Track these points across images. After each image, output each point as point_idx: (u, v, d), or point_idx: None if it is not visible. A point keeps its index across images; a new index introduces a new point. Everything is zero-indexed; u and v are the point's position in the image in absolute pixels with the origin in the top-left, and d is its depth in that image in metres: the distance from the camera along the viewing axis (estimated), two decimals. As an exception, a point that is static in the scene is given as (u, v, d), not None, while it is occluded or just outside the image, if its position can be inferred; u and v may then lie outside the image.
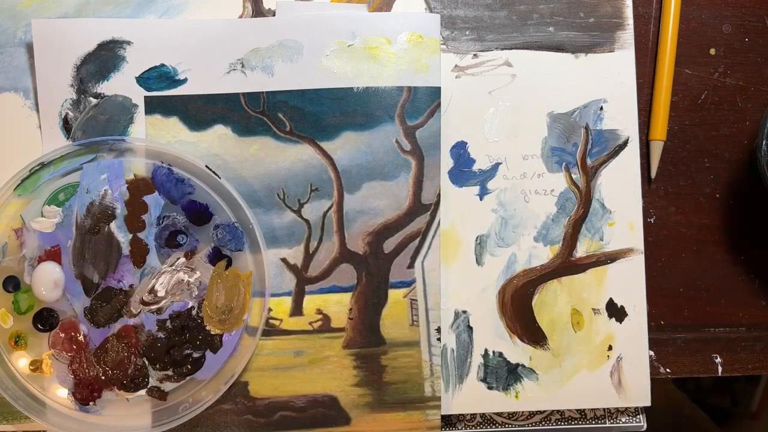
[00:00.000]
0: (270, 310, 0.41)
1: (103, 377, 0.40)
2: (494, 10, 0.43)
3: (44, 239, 0.40)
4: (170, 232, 0.40)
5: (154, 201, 0.40)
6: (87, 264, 0.40)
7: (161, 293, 0.40)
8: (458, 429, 0.43)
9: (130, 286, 0.40)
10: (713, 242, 0.45)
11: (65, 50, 0.41)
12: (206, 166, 0.40)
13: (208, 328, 0.40)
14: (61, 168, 0.40)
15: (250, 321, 0.41)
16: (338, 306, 0.42)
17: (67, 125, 0.41)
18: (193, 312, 0.40)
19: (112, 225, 0.40)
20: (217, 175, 0.40)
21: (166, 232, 0.40)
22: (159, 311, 0.40)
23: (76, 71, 0.41)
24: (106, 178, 0.40)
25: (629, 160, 0.43)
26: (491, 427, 0.43)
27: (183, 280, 0.40)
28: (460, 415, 0.43)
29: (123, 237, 0.40)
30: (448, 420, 0.43)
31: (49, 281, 0.39)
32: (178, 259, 0.40)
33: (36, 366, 0.40)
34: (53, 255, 0.40)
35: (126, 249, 0.40)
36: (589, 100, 0.43)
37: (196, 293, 0.40)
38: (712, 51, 0.44)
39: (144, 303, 0.40)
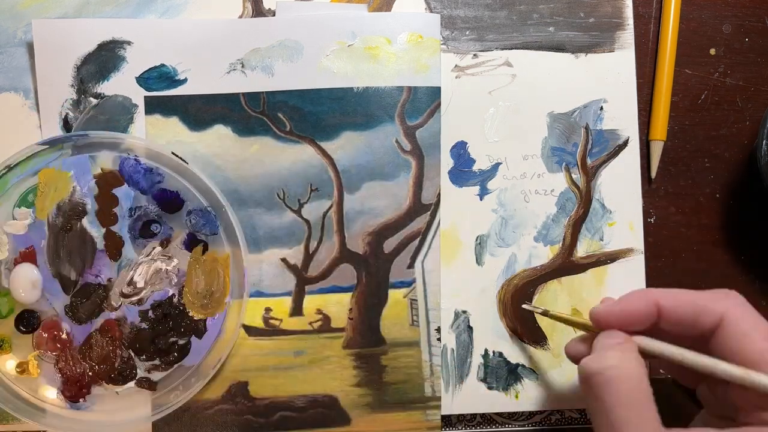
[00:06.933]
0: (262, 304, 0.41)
1: (90, 373, 0.40)
2: (494, 10, 0.43)
3: (18, 241, 0.40)
4: (143, 223, 0.40)
5: (124, 193, 0.40)
6: (63, 262, 0.40)
7: (140, 284, 0.40)
8: (458, 429, 0.43)
9: (109, 279, 0.40)
10: (713, 242, 0.45)
11: (65, 50, 0.41)
12: (172, 153, 0.40)
13: (190, 314, 0.40)
14: (28, 169, 0.40)
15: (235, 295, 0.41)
16: (338, 306, 0.42)
17: (67, 125, 0.41)
18: (175, 299, 0.40)
19: (84, 221, 0.40)
20: (184, 161, 0.40)
21: (139, 223, 0.40)
22: (140, 302, 0.40)
23: (76, 71, 0.41)
24: (73, 175, 0.40)
25: (629, 160, 0.43)
26: (491, 427, 0.43)
27: (161, 268, 0.40)
28: (460, 415, 0.43)
29: (96, 232, 0.40)
30: (448, 420, 0.43)
31: (26, 283, 0.39)
32: (154, 248, 0.40)
33: (23, 368, 0.40)
34: (28, 256, 0.40)
35: (100, 243, 0.40)
36: (589, 100, 0.43)
37: (176, 281, 0.40)
38: (712, 51, 0.44)
39: (124, 295, 0.40)
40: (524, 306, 0.42)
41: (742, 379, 0.30)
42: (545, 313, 0.40)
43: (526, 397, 0.43)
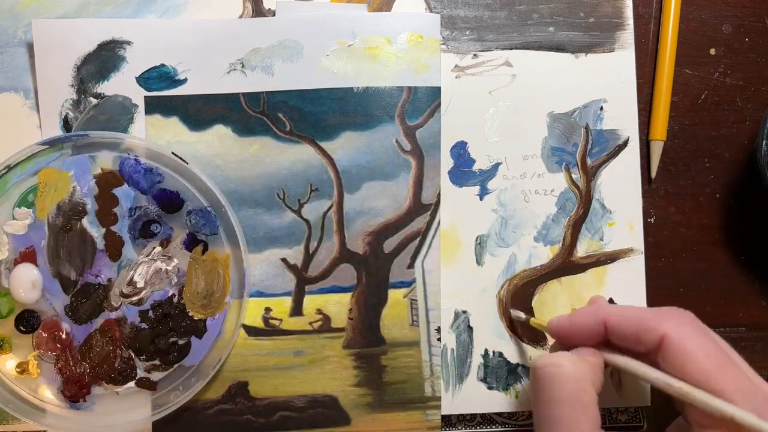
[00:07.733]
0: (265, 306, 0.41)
1: (90, 373, 0.40)
2: (494, 10, 0.43)
3: (18, 241, 0.40)
4: (143, 223, 0.40)
5: (124, 193, 0.40)
6: (63, 262, 0.40)
7: (140, 284, 0.40)
8: (458, 429, 0.43)
9: (109, 280, 0.40)
10: (713, 242, 0.45)
11: (65, 50, 0.41)
12: (172, 153, 0.40)
13: (191, 314, 0.40)
14: (28, 169, 0.40)
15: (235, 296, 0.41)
16: (338, 306, 0.42)
17: (67, 125, 0.41)
18: (175, 299, 0.40)
19: (84, 221, 0.40)
20: (184, 161, 0.40)
21: (139, 223, 0.40)
22: (140, 302, 0.40)
23: (77, 71, 0.41)
24: (73, 175, 0.40)
25: (629, 160, 0.43)
26: (491, 427, 0.43)
27: (161, 269, 0.40)
28: (460, 415, 0.43)
29: (96, 232, 0.40)
30: (448, 420, 0.43)
31: (26, 283, 0.39)
32: (154, 248, 0.40)
33: (23, 368, 0.40)
34: (28, 256, 0.39)
35: (100, 243, 0.40)
36: (589, 100, 0.43)
37: (176, 281, 0.40)
38: (712, 51, 0.45)
39: (124, 295, 0.40)
40: (513, 315, 0.42)
41: (681, 395, 0.30)
42: (527, 321, 0.41)
43: (526, 397, 0.43)
